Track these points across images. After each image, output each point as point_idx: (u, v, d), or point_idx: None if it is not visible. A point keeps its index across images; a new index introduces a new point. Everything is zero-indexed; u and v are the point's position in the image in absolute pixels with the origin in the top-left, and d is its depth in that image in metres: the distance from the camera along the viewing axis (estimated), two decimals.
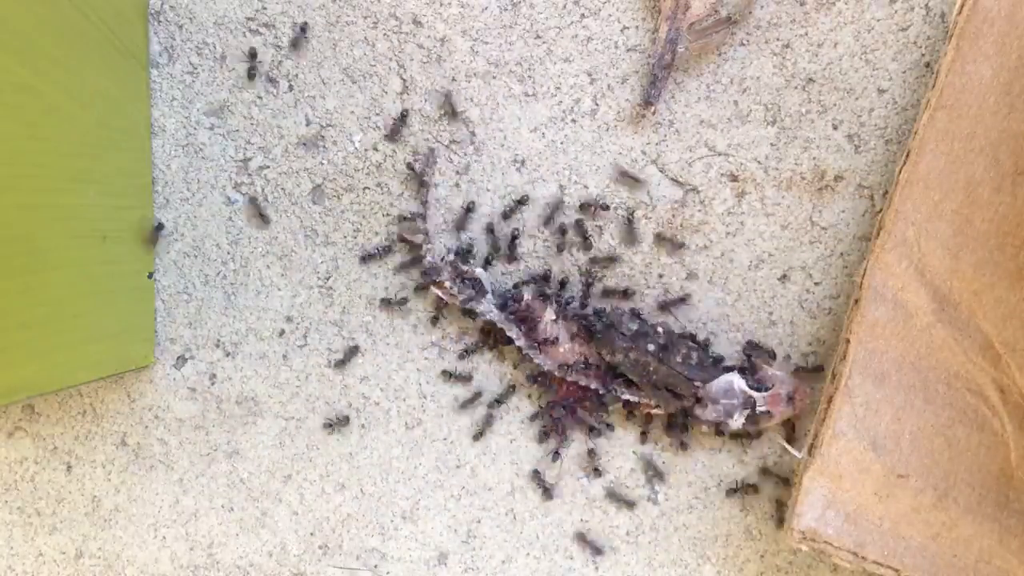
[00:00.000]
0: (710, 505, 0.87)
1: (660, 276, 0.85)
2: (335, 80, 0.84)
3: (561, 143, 0.84)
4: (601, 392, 0.83)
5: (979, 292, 0.74)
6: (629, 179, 0.83)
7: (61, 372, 0.73)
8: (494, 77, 0.83)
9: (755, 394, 0.81)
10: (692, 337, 0.84)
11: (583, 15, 0.82)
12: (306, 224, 0.86)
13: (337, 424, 0.88)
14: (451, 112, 0.83)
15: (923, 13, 0.80)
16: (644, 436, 0.86)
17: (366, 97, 0.84)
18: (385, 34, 0.83)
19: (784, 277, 0.85)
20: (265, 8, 0.84)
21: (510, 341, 0.83)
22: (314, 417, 0.89)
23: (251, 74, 0.83)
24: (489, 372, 0.87)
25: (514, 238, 0.84)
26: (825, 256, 0.84)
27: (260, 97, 0.85)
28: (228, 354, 0.88)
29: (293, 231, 0.86)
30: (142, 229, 0.83)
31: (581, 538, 0.88)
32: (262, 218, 0.85)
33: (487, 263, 0.85)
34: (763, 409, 0.81)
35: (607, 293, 0.84)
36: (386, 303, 0.86)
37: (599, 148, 0.84)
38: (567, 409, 0.85)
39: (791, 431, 0.85)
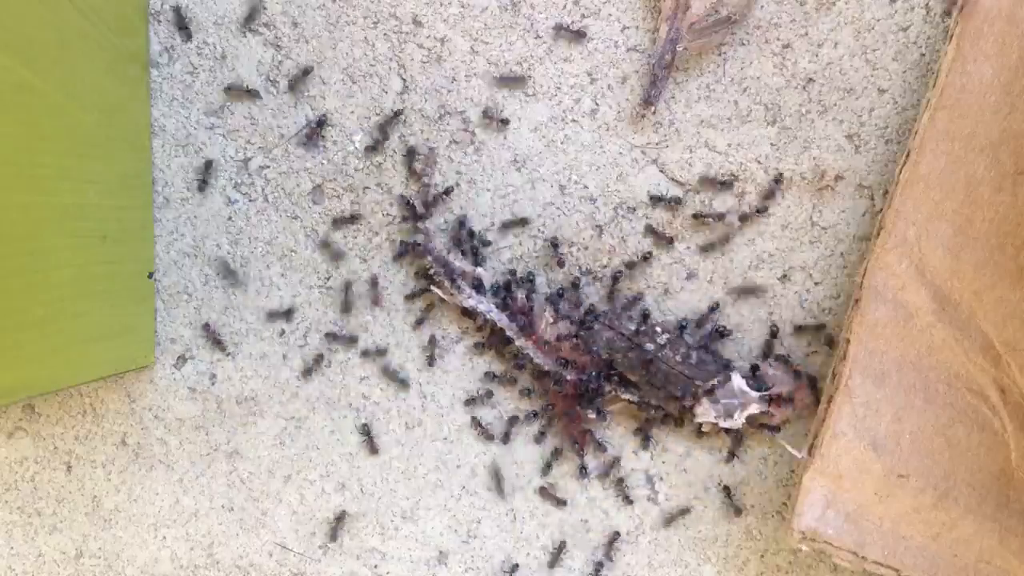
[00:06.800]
0: (710, 505, 0.87)
1: (658, 276, 0.85)
2: (335, 80, 0.84)
3: (561, 143, 0.84)
4: (602, 391, 0.83)
5: (980, 292, 0.74)
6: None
7: (61, 372, 0.73)
8: (494, 77, 0.83)
9: (755, 394, 0.81)
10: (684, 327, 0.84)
11: (583, 15, 0.82)
12: (306, 224, 0.86)
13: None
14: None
15: (923, 13, 0.80)
16: (646, 439, 0.86)
17: (366, 97, 0.84)
18: (385, 34, 0.83)
19: (784, 277, 0.85)
20: (265, 8, 0.84)
21: (510, 341, 0.83)
22: (314, 417, 0.89)
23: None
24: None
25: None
26: (825, 256, 0.84)
27: (260, 97, 0.85)
28: (228, 354, 0.88)
29: (293, 231, 0.86)
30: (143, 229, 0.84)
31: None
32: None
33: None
34: (763, 409, 0.81)
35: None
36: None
37: (599, 148, 0.84)
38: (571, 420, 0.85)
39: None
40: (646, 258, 0.83)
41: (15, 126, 0.61)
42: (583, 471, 0.86)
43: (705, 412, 0.82)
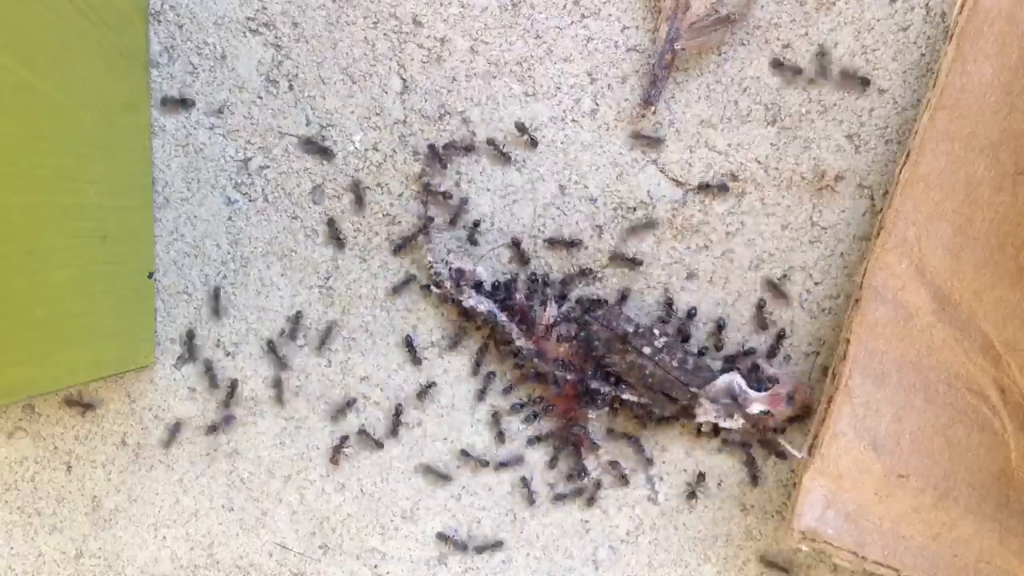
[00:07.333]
0: (710, 505, 0.87)
1: (659, 278, 0.85)
2: (335, 80, 0.84)
3: (561, 143, 0.84)
4: (602, 392, 0.83)
5: (980, 292, 0.74)
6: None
7: (61, 372, 0.73)
8: (494, 77, 0.83)
9: (755, 394, 0.81)
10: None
11: (583, 15, 0.82)
12: (306, 224, 0.86)
13: None
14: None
15: (923, 13, 0.80)
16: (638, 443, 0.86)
17: (366, 97, 0.84)
18: (385, 34, 0.83)
19: (784, 277, 0.84)
20: (265, 8, 0.84)
21: (509, 341, 0.83)
22: (314, 417, 0.89)
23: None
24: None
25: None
26: (825, 256, 0.84)
27: (260, 97, 0.85)
28: (228, 354, 0.88)
29: (293, 231, 0.86)
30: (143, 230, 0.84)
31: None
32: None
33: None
34: (763, 409, 0.81)
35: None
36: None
37: (599, 148, 0.84)
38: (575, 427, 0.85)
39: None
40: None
41: (15, 126, 0.61)
42: (583, 472, 0.86)
43: (705, 412, 0.82)
